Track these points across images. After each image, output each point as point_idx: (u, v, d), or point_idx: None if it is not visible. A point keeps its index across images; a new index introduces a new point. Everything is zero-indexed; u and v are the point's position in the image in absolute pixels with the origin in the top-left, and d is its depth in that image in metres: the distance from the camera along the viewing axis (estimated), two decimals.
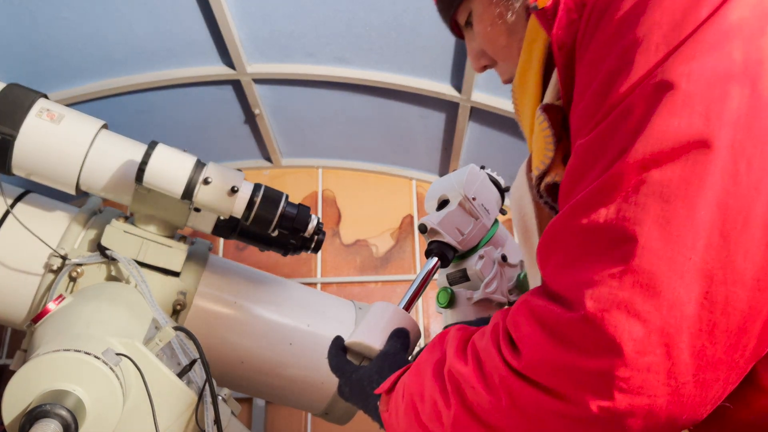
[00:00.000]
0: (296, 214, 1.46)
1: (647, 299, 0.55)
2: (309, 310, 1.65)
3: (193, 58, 2.55)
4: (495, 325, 0.70)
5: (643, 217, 0.56)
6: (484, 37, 0.93)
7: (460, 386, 0.70)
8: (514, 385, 0.63)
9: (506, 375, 0.64)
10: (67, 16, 2.24)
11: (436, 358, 0.78)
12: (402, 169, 3.37)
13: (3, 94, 1.34)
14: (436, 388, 0.74)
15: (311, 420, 2.96)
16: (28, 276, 1.42)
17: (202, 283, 1.53)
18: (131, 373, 1.07)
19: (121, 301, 1.31)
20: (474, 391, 0.67)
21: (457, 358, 0.73)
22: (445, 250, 1.23)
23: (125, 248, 1.43)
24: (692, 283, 0.55)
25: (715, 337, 0.55)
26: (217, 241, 3.21)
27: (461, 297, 1.30)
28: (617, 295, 0.56)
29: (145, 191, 1.41)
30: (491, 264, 1.32)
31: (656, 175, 0.57)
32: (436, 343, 0.82)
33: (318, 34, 2.43)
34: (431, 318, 3.17)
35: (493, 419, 0.66)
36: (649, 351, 0.55)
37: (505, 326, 0.67)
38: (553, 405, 0.60)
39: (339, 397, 1.01)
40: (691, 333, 0.55)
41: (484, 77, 2.45)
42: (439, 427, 0.72)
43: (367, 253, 3.29)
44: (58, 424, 0.90)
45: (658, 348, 0.55)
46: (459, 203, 1.27)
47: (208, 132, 3.04)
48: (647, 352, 0.55)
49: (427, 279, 1.18)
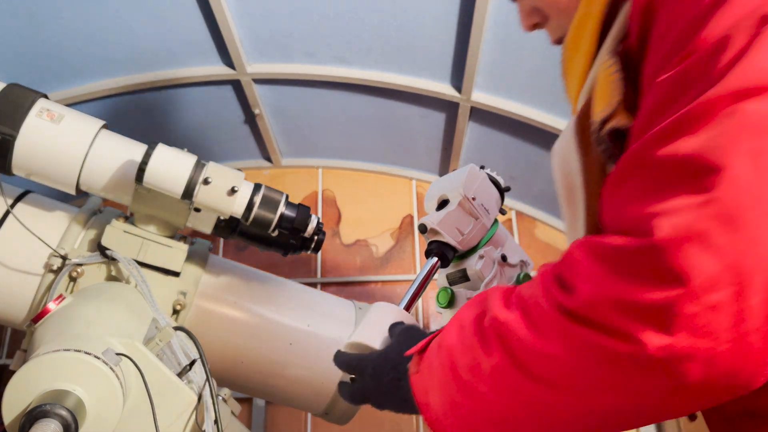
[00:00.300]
0: (296, 215, 1.46)
1: (726, 233, 0.52)
2: (309, 310, 1.65)
3: (193, 58, 2.55)
4: (542, 274, 0.68)
5: (733, 147, 0.54)
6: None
7: (503, 334, 0.67)
8: (566, 327, 0.60)
9: (557, 317, 0.61)
10: (67, 16, 2.24)
11: (476, 313, 0.75)
12: (402, 169, 3.37)
13: (3, 94, 1.34)
14: (475, 339, 0.71)
15: (311, 420, 2.96)
16: (28, 276, 1.42)
17: (203, 283, 1.53)
18: (131, 373, 1.07)
19: (121, 301, 1.31)
20: (519, 338, 0.65)
21: (501, 308, 0.70)
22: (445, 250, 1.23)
23: (125, 248, 1.43)
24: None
25: None
26: (217, 241, 3.21)
27: (461, 297, 1.30)
28: (693, 226, 0.53)
29: (145, 191, 1.41)
30: (491, 264, 1.32)
31: (752, 106, 0.54)
32: (475, 300, 0.79)
33: (318, 34, 2.43)
34: (431, 318, 3.17)
35: (538, 366, 0.63)
36: (719, 288, 0.52)
37: (555, 271, 0.65)
38: (607, 344, 0.57)
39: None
40: (767, 277, 0.52)
41: (483, 77, 2.45)
42: (478, 377, 0.69)
43: (367, 253, 3.29)
44: (58, 424, 0.89)
45: (729, 287, 0.52)
46: (459, 203, 1.27)
47: (208, 132, 3.04)
48: (716, 289, 0.52)
49: (427, 279, 1.18)
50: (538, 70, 2.37)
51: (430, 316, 3.18)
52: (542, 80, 2.39)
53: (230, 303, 1.57)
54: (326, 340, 1.62)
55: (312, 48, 2.51)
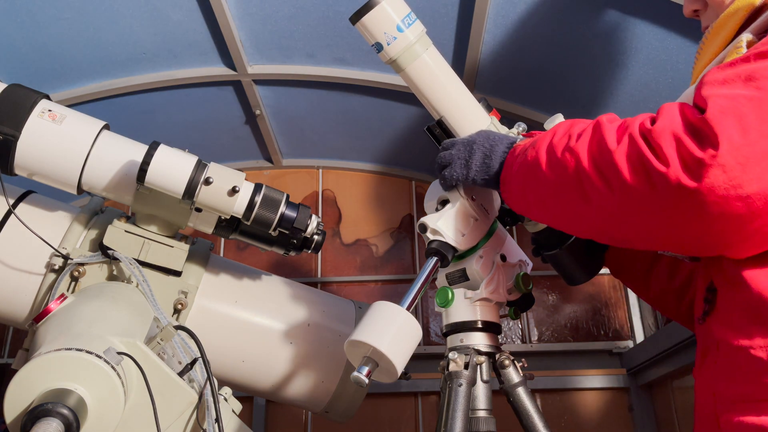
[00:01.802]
0: (296, 214, 1.46)
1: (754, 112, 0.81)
2: (309, 309, 1.66)
3: (194, 59, 2.55)
4: (640, 117, 0.93)
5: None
6: None
7: (596, 128, 0.95)
8: (636, 139, 0.87)
9: (635, 133, 0.87)
10: (69, 17, 2.25)
11: (570, 122, 1.06)
12: (402, 170, 3.37)
13: (5, 95, 1.35)
14: (569, 133, 1.00)
15: (311, 418, 2.97)
16: (30, 275, 1.42)
17: (203, 283, 1.54)
18: (133, 372, 1.07)
19: (123, 300, 1.31)
20: (603, 129, 0.93)
21: (603, 118, 0.97)
22: (444, 249, 1.23)
23: (127, 248, 1.44)
24: None
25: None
26: (218, 241, 3.21)
27: (460, 296, 1.31)
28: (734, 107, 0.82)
29: (146, 191, 1.42)
30: (490, 264, 1.32)
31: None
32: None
33: (318, 35, 2.44)
34: (431, 318, 3.18)
35: (605, 167, 0.90)
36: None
37: (653, 115, 0.91)
38: (651, 160, 0.84)
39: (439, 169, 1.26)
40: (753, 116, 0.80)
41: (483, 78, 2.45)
42: (553, 154, 1.00)
43: (367, 252, 3.30)
44: (59, 422, 0.90)
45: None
46: (459, 203, 1.28)
47: (209, 132, 3.05)
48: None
49: (427, 278, 1.19)
50: (537, 71, 2.37)
51: (429, 316, 3.18)
52: (542, 81, 2.40)
53: (231, 302, 1.58)
54: (326, 340, 1.63)
55: (312, 49, 2.51)
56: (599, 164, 0.91)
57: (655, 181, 0.84)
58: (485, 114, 1.39)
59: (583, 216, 0.99)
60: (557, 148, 1.00)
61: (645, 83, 2.14)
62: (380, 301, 1.10)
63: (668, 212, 0.85)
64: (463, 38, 2.29)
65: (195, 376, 1.24)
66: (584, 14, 2.05)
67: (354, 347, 1.05)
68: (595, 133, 0.95)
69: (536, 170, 1.03)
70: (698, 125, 0.82)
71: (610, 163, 0.89)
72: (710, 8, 1.18)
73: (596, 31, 2.09)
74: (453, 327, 1.30)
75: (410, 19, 1.33)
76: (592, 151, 0.93)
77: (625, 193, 0.88)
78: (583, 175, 0.93)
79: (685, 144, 0.82)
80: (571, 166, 0.96)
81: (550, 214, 1.08)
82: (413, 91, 1.37)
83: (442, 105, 1.36)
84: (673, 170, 0.81)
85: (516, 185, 1.12)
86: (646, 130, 0.87)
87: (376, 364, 1.02)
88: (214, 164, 1.40)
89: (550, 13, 2.09)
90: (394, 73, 1.38)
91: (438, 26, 2.26)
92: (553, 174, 1.00)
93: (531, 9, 2.10)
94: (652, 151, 0.85)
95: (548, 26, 2.14)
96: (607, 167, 0.90)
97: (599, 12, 2.02)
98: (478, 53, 2.32)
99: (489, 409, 1.24)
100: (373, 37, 1.32)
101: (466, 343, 1.28)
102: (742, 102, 0.82)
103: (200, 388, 1.20)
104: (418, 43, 1.33)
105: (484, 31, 2.22)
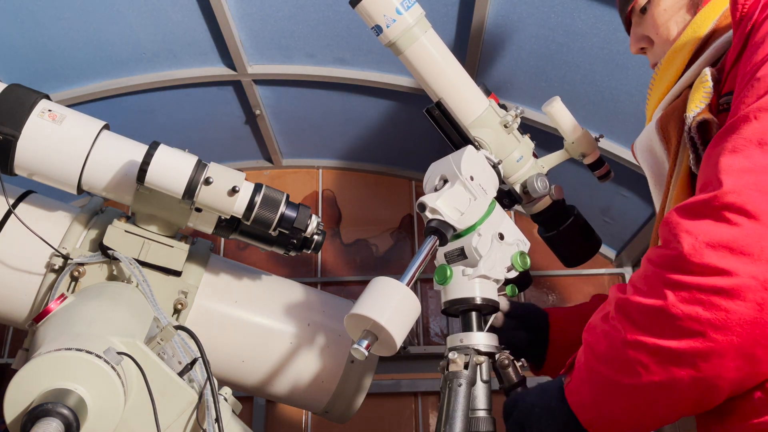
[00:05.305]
0: (296, 214, 1.46)
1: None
2: (309, 309, 1.66)
3: (194, 59, 2.55)
4: (646, 256, 0.92)
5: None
6: (658, 18, 1.18)
7: (621, 305, 0.91)
8: (668, 277, 0.83)
9: (659, 272, 0.85)
10: (69, 16, 2.25)
11: (601, 315, 0.99)
12: (402, 170, 3.37)
13: (5, 95, 1.35)
14: (605, 326, 0.96)
15: (311, 419, 2.97)
16: (30, 275, 1.42)
17: (203, 283, 1.54)
18: (132, 372, 1.07)
19: (123, 300, 1.31)
20: (632, 303, 0.89)
21: (616, 292, 0.95)
22: (443, 228, 1.24)
23: (127, 248, 1.44)
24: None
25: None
26: (218, 241, 3.22)
27: (459, 273, 1.31)
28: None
29: (146, 191, 1.42)
30: (488, 242, 1.33)
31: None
32: (601, 307, 1.02)
33: (318, 35, 2.44)
34: (430, 318, 3.18)
35: (642, 314, 0.87)
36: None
37: (659, 244, 0.90)
38: (707, 283, 0.80)
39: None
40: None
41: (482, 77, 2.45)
42: (602, 334, 0.95)
43: (367, 253, 3.30)
44: (59, 422, 0.90)
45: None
46: (457, 182, 1.29)
47: (209, 132, 3.05)
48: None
49: (426, 256, 1.20)
50: (537, 71, 2.37)
51: (429, 316, 3.19)
52: (542, 81, 2.40)
53: (231, 302, 1.58)
54: (326, 340, 1.63)
55: (312, 49, 2.51)
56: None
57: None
58: (483, 97, 1.42)
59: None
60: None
61: (645, 83, 2.15)
62: (381, 276, 1.10)
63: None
64: (463, 39, 2.29)
65: (195, 376, 1.24)
66: (584, 14, 2.05)
67: (354, 321, 1.05)
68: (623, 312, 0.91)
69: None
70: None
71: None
72: (657, 45, 1.20)
73: (596, 31, 2.09)
74: (452, 303, 1.31)
75: (409, 2, 1.34)
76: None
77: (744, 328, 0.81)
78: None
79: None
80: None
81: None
82: (412, 73, 1.38)
83: (441, 87, 1.38)
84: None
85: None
86: (678, 254, 0.85)
87: (375, 337, 1.03)
88: (214, 164, 1.40)
89: (550, 13, 2.10)
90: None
91: (437, 27, 2.26)
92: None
93: (531, 9, 2.10)
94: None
95: (547, 26, 2.15)
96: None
97: (599, 12, 2.03)
98: (478, 54, 2.32)
99: (489, 409, 1.24)
100: (372, 19, 1.34)
101: (466, 343, 1.28)
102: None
103: (200, 388, 1.20)
104: (417, 26, 1.34)
105: (483, 32, 2.22)
